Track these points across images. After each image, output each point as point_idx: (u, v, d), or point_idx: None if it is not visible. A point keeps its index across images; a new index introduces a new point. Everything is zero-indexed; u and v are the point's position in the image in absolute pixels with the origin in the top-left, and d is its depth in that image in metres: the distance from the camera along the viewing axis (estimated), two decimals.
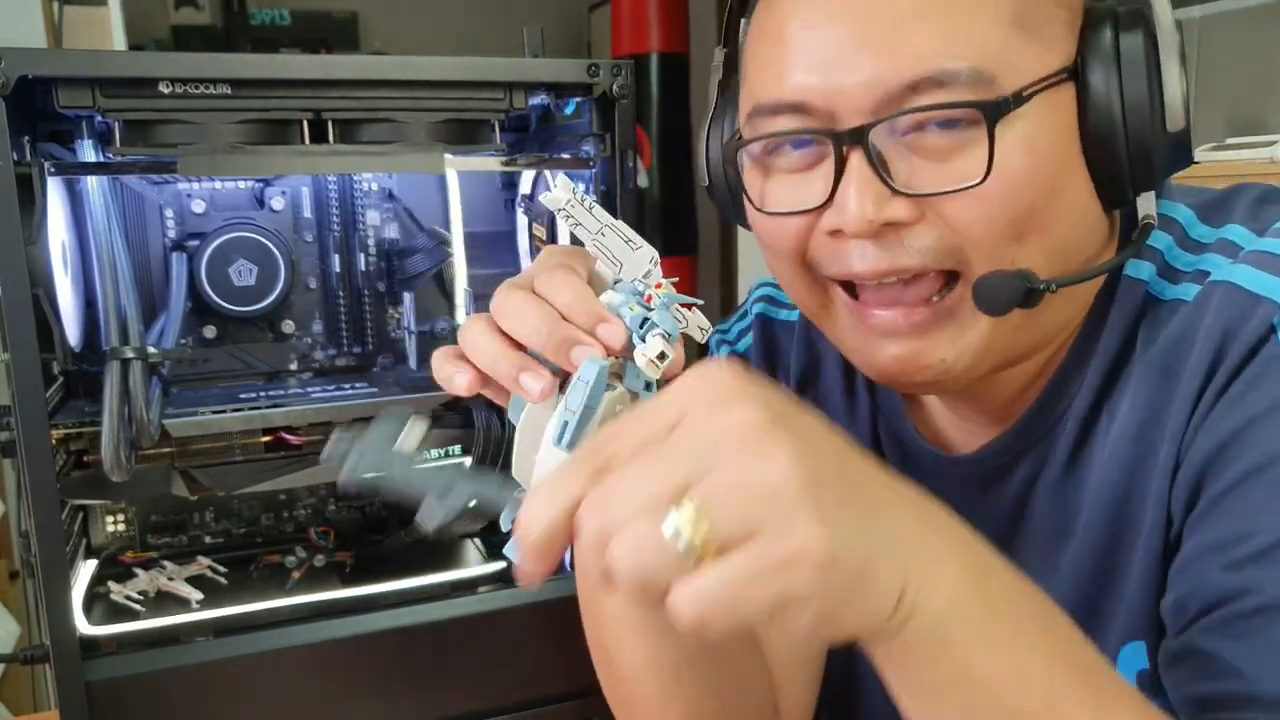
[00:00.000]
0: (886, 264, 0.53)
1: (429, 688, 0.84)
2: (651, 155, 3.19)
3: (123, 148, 0.74)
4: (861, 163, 0.51)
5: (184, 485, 0.82)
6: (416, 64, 0.77)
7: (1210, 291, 0.53)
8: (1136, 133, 0.52)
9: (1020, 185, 0.51)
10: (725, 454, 0.35)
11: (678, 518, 0.34)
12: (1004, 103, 0.49)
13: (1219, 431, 0.50)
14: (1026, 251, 0.52)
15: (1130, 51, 0.52)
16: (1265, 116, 1.86)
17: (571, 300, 0.47)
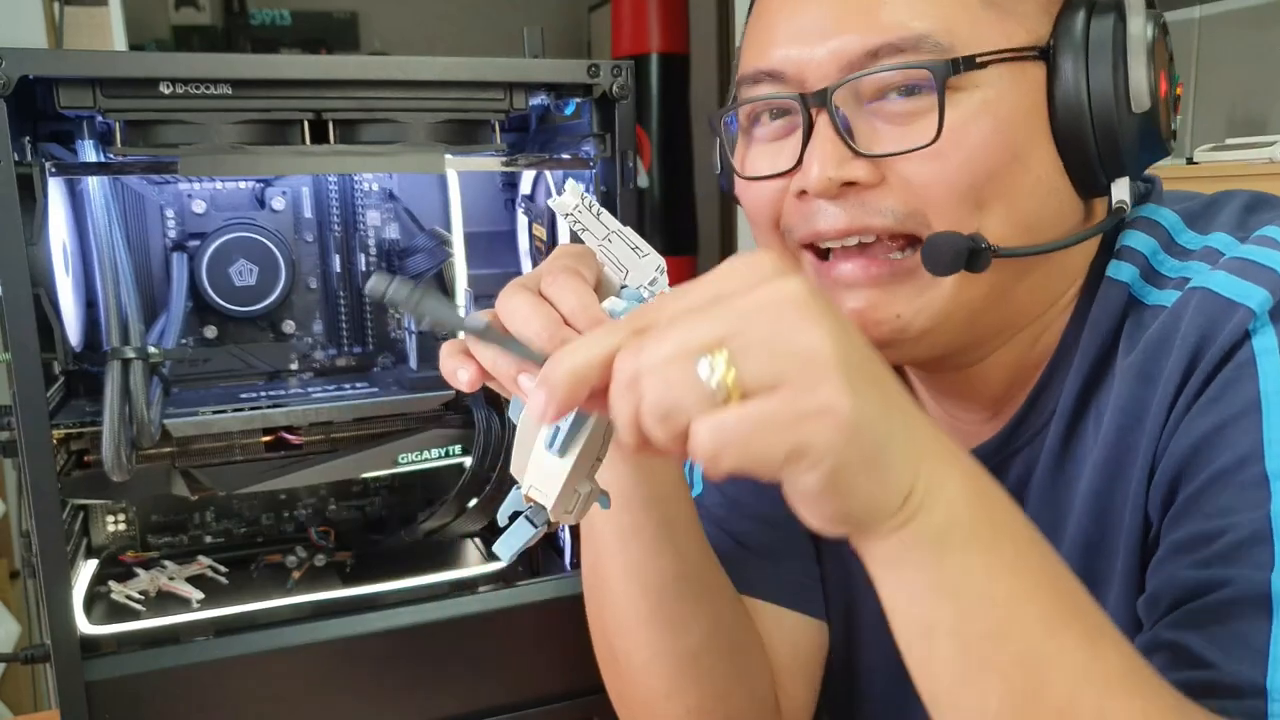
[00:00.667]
0: (846, 222, 0.55)
1: (429, 688, 0.84)
2: (651, 155, 3.19)
3: (123, 148, 0.74)
4: (826, 126, 0.54)
5: (184, 485, 0.82)
6: (416, 64, 0.77)
7: (1189, 297, 0.54)
8: (1102, 114, 0.53)
9: (977, 149, 0.52)
10: (766, 317, 0.37)
11: (711, 361, 0.36)
12: (954, 63, 0.52)
13: (1193, 434, 0.51)
14: (989, 220, 0.53)
15: (1098, 35, 0.53)
16: (1265, 116, 1.86)
17: (575, 305, 0.48)
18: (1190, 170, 1.65)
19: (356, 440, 0.86)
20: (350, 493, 1.00)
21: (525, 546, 0.49)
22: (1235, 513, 0.48)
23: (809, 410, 0.36)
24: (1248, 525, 0.47)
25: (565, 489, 0.47)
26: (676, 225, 3.26)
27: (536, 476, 0.48)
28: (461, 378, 0.49)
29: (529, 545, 0.49)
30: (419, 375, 0.91)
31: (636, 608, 0.64)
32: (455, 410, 0.90)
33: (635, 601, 0.64)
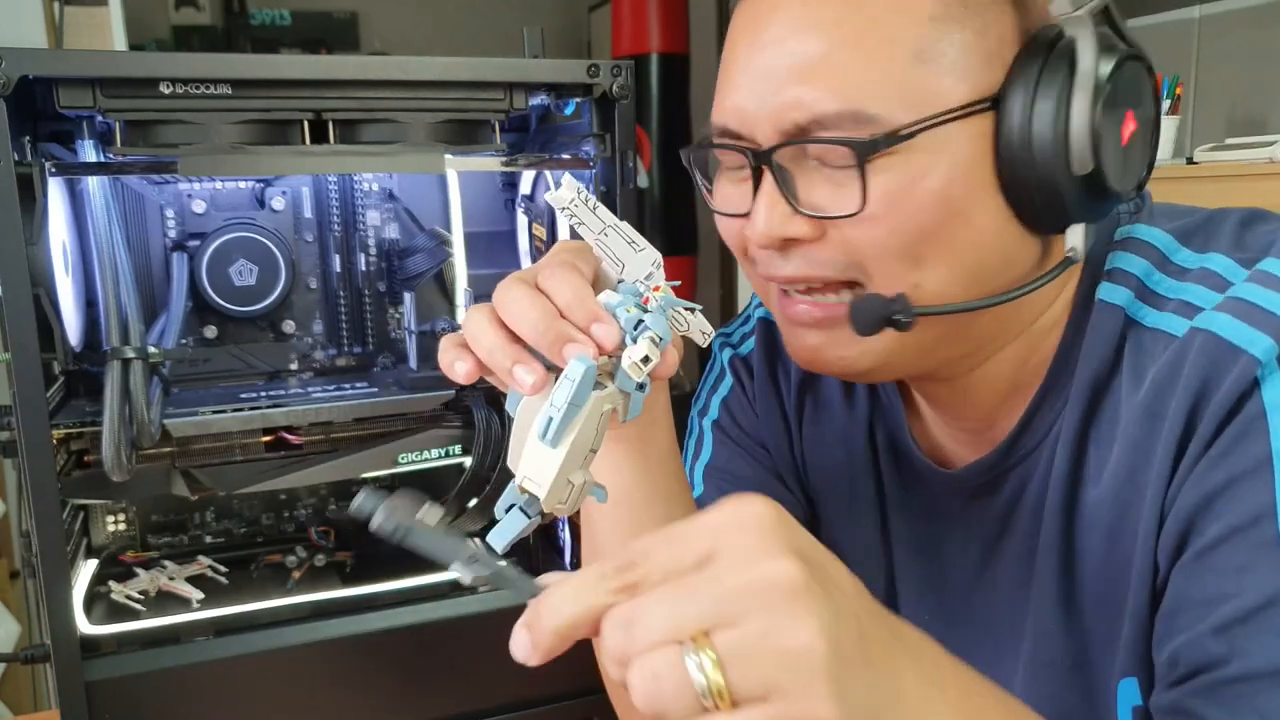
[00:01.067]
0: (792, 272, 0.57)
1: (429, 688, 0.84)
2: (651, 155, 3.19)
3: (123, 148, 0.74)
4: (770, 183, 0.56)
5: (184, 485, 0.82)
6: (416, 64, 0.77)
7: (1192, 337, 0.54)
8: (1044, 169, 0.53)
9: (908, 213, 0.53)
10: (756, 607, 0.35)
11: (699, 661, 0.35)
12: (872, 143, 0.52)
13: (1205, 486, 0.51)
14: (929, 273, 0.54)
15: (1046, 85, 0.52)
16: (1265, 116, 1.86)
17: (570, 298, 0.48)
18: (1190, 170, 1.65)
19: (356, 440, 0.86)
20: (350, 493, 1.00)
21: (519, 537, 0.49)
22: (1249, 573, 0.49)
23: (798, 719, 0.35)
24: (1263, 589, 0.48)
25: (558, 480, 0.47)
26: (676, 225, 3.26)
27: (530, 468, 0.48)
28: (459, 370, 0.50)
29: (523, 536, 0.50)
30: (419, 375, 0.91)
31: None
32: (455, 410, 0.90)
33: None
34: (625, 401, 0.50)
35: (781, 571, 0.36)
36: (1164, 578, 0.54)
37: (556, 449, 0.47)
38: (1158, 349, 0.56)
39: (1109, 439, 0.57)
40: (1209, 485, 0.51)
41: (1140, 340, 0.57)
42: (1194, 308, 0.55)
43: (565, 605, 0.38)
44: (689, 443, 0.79)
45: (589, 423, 0.47)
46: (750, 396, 0.77)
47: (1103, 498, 0.57)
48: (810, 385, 0.75)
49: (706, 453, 0.77)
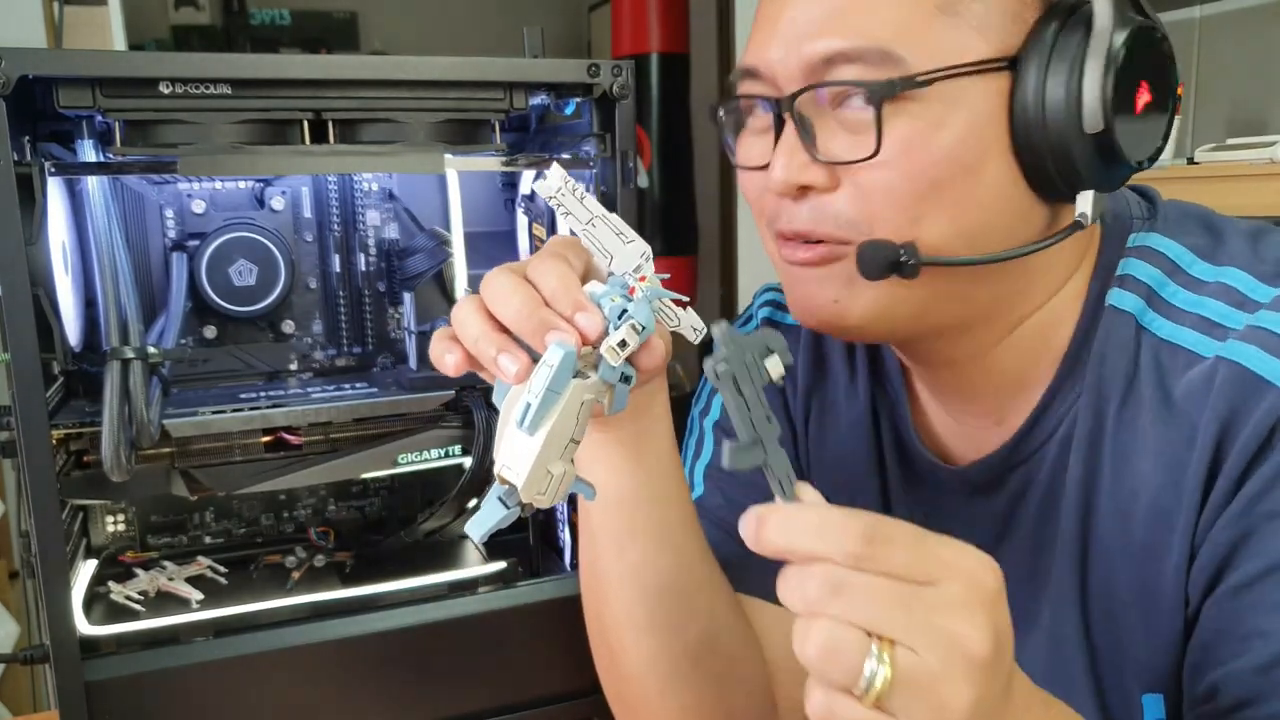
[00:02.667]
0: (799, 224, 0.58)
1: (429, 688, 0.84)
2: (651, 155, 3.19)
3: (123, 148, 0.74)
4: (791, 130, 0.56)
5: (184, 485, 0.82)
6: (416, 64, 0.77)
7: (1217, 367, 0.54)
8: (1056, 130, 0.53)
9: (921, 162, 0.54)
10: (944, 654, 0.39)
11: (878, 662, 0.39)
12: (890, 84, 0.53)
13: (1241, 523, 0.52)
14: (928, 229, 0.55)
15: (1063, 47, 0.53)
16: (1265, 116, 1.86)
17: (556, 287, 0.49)
18: (1190, 170, 1.65)
19: (356, 440, 0.86)
20: (350, 493, 1.00)
21: (497, 527, 0.49)
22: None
23: None
24: None
25: (536, 469, 0.47)
26: (676, 225, 3.26)
27: (508, 456, 0.48)
28: (448, 361, 0.51)
29: (501, 526, 0.49)
30: (419, 375, 0.91)
31: (634, 609, 0.64)
32: (455, 410, 0.90)
33: (633, 603, 0.64)
34: (610, 394, 0.50)
35: (979, 641, 0.40)
36: (1195, 607, 0.54)
37: (534, 436, 0.47)
38: (1179, 365, 0.56)
39: (1129, 449, 0.57)
40: (1246, 522, 0.52)
41: (1160, 353, 0.57)
42: (1216, 325, 0.56)
43: (798, 534, 0.42)
44: (689, 442, 0.79)
45: (568, 411, 0.47)
46: None
47: (1128, 512, 0.57)
48: (817, 387, 0.74)
49: (707, 453, 0.77)
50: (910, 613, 0.40)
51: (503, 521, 0.49)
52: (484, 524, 0.49)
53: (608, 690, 0.70)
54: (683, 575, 0.64)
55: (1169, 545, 0.55)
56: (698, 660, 0.65)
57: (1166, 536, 0.55)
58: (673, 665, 0.65)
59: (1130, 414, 0.57)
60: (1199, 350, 0.55)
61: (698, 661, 0.65)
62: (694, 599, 0.65)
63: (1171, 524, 0.55)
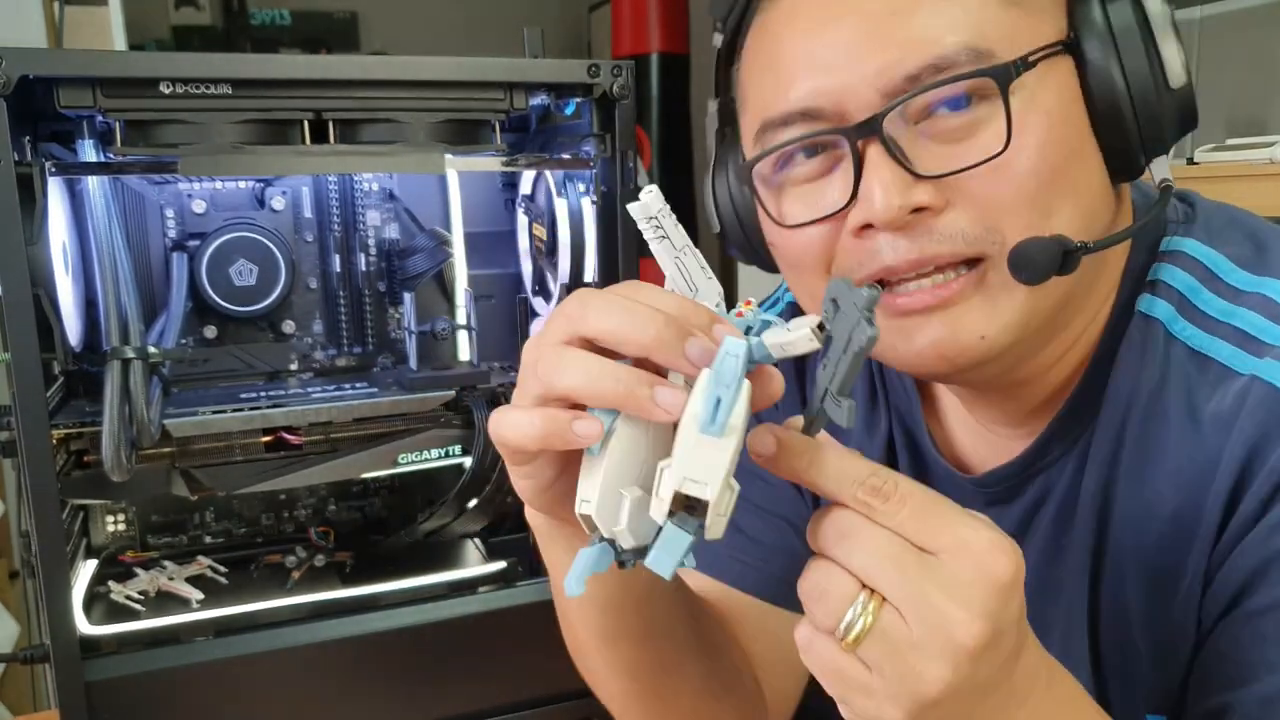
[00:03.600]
0: (918, 253, 0.52)
1: (429, 688, 0.84)
2: (651, 155, 3.19)
3: (123, 148, 0.74)
4: (880, 153, 0.51)
5: (184, 485, 0.82)
6: (416, 64, 0.77)
7: (1250, 386, 0.52)
8: (1141, 95, 0.52)
9: (1042, 149, 0.51)
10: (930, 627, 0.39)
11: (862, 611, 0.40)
12: (1013, 67, 0.50)
13: (1264, 550, 0.50)
14: (1059, 221, 0.52)
15: (1121, 19, 0.52)
16: (1265, 116, 1.86)
17: (681, 303, 0.43)
18: (1190, 170, 1.65)
19: (356, 440, 0.86)
20: (350, 493, 1.00)
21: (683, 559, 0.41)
22: None
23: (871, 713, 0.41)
24: None
25: (726, 480, 0.39)
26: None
27: (689, 467, 0.39)
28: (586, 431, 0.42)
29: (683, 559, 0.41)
30: (419, 375, 0.91)
31: (624, 688, 0.64)
32: (455, 410, 0.90)
33: (623, 685, 0.63)
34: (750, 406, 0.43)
35: (970, 630, 0.39)
36: (1208, 629, 0.53)
37: (726, 437, 0.39)
38: (1209, 378, 0.54)
39: (1149, 465, 0.56)
40: (1267, 550, 0.50)
41: (1189, 364, 0.55)
42: (1250, 338, 0.54)
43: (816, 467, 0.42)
44: None
45: (747, 413, 0.40)
46: None
47: (1144, 529, 0.56)
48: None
49: None
50: (904, 575, 0.39)
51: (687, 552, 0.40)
52: (673, 554, 0.40)
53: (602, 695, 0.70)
54: (676, 654, 0.63)
55: (1184, 567, 0.54)
56: (691, 711, 0.66)
57: (1182, 558, 0.54)
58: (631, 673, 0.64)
59: (1153, 427, 0.55)
60: (1233, 365, 0.53)
61: (691, 712, 0.66)
62: (685, 673, 0.64)
63: (1188, 546, 0.53)
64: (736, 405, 0.39)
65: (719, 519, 0.40)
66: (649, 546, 0.41)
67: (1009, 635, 0.40)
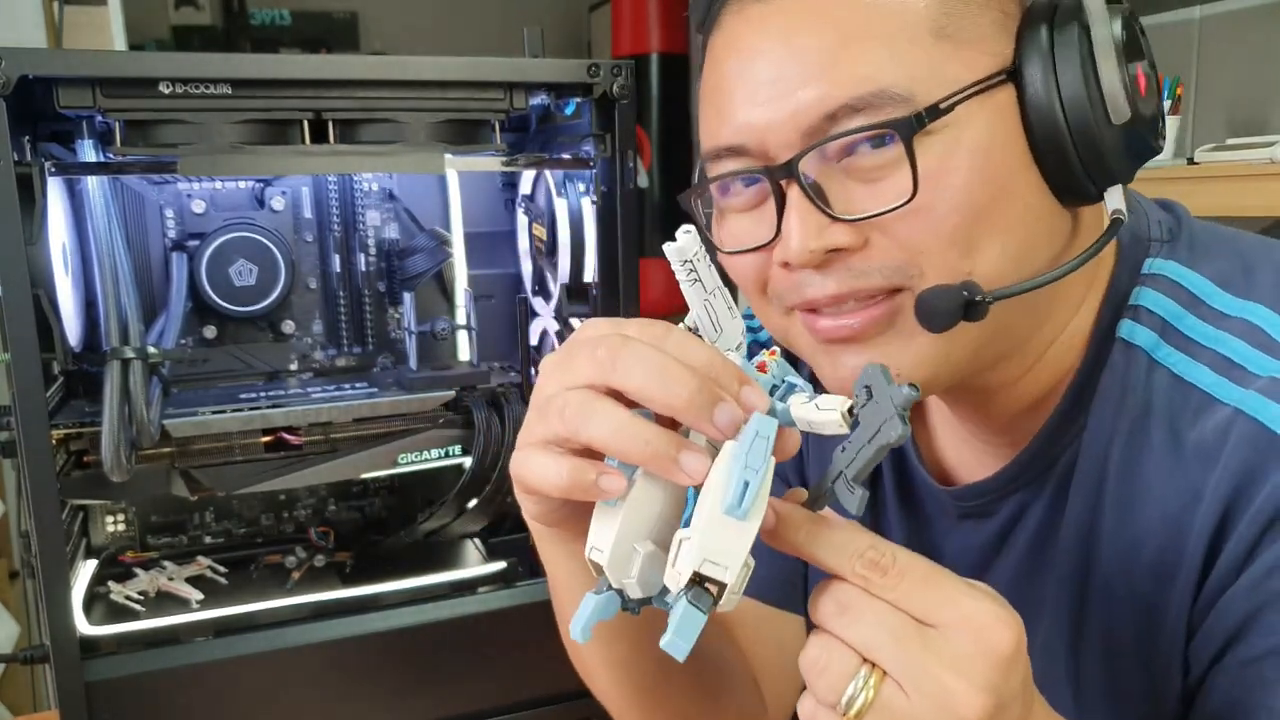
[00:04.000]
0: (835, 288, 0.53)
1: (429, 688, 0.84)
2: (651, 155, 3.19)
3: (123, 148, 0.74)
4: (798, 195, 0.51)
5: (184, 485, 0.82)
6: (416, 64, 0.77)
7: (1234, 421, 0.51)
8: (1080, 127, 0.51)
9: (959, 192, 0.50)
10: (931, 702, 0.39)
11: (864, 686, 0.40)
12: (917, 119, 0.49)
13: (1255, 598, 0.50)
14: (982, 260, 0.51)
15: (1064, 46, 0.51)
16: (1265, 116, 1.86)
17: (711, 360, 0.43)
18: (1190, 170, 1.65)
19: (356, 440, 0.86)
20: (350, 493, 1.00)
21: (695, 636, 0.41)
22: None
23: None
24: None
25: (746, 560, 0.40)
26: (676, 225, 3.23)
27: (710, 549, 0.39)
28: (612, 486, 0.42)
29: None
30: (419, 375, 0.91)
31: (622, 692, 0.64)
32: (455, 410, 0.90)
33: (621, 689, 0.64)
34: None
35: (971, 701, 0.39)
36: (1201, 671, 0.53)
37: (749, 521, 0.39)
38: (1191, 406, 0.53)
39: (1134, 497, 0.55)
40: (1259, 596, 0.50)
41: (1173, 392, 0.54)
42: (1235, 366, 0.53)
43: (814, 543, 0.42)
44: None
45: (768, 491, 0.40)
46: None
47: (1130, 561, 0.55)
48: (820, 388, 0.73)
49: None
50: (905, 650, 0.39)
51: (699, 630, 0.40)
52: (689, 638, 0.40)
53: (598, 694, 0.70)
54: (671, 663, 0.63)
55: (1169, 601, 0.53)
56: (689, 712, 0.66)
57: (1167, 592, 0.53)
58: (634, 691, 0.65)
59: (1137, 457, 0.55)
60: (1216, 394, 0.53)
61: (689, 713, 0.66)
62: (685, 676, 0.64)
63: (1173, 580, 0.53)
64: (763, 489, 0.40)
65: (733, 597, 0.41)
66: (654, 597, 0.43)
67: (1012, 708, 0.40)
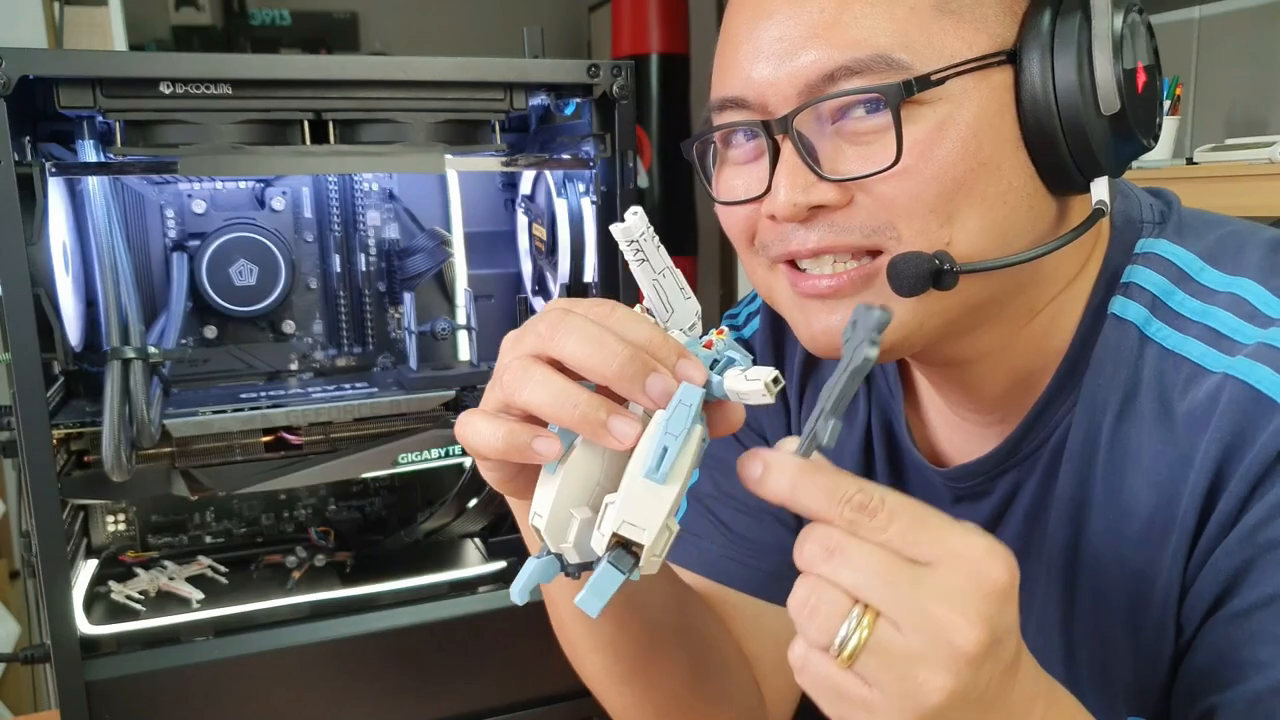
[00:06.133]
0: (815, 243, 0.55)
1: (429, 688, 0.84)
2: (651, 155, 3.19)
3: (123, 148, 0.74)
4: (790, 152, 0.53)
5: (184, 485, 0.82)
6: (416, 64, 0.77)
7: (1224, 384, 0.52)
8: (1070, 118, 0.52)
9: (942, 163, 0.52)
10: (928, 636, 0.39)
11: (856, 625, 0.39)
12: (907, 85, 0.51)
13: (1244, 552, 0.51)
14: (959, 231, 0.53)
15: (1064, 35, 0.53)
16: (1265, 116, 1.86)
17: (652, 334, 0.44)
18: (1190, 170, 1.65)
19: (356, 440, 0.86)
20: (350, 493, 1.00)
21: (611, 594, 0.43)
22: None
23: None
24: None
25: (663, 525, 0.41)
26: (676, 225, 3.26)
27: (630, 511, 0.41)
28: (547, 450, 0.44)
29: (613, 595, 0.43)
30: (419, 375, 0.91)
31: (609, 671, 0.64)
32: (455, 410, 0.90)
33: (608, 666, 0.64)
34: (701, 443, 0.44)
35: (968, 636, 0.39)
36: (1191, 633, 0.53)
37: (667, 485, 0.41)
38: (1180, 378, 0.54)
39: (1124, 466, 0.56)
40: (1248, 550, 0.50)
41: (1163, 364, 0.55)
42: (1223, 337, 0.54)
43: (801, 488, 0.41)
44: None
45: (693, 459, 0.42)
46: None
47: (1120, 530, 0.56)
48: (811, 369, 0.73)
49: None
50: (897, 588, 0.39)
51: (615, 590, 0.42)
52: (602, 595, 0.42)
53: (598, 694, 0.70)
54: (657, 636, 0.63)
55: (1159, 566, 0.54)
56: (680, 700, 0.66)
57: (1158, 557, 0.54)
58: (656, 711, 0.65)
59: (1127, 429, 0.56)
60: (1205, 363, 0.54)
61: (680, 701, 0.66)
62: (672, 653, 0.64)
63: (1164, 544, 0.54)
64: (682, 455, 0.41)
65: (654, 559, 0.42)
66: (594, 562, 0.43)
67: (1007, 642, 0.40)
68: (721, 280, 3.58)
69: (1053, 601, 0.59)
